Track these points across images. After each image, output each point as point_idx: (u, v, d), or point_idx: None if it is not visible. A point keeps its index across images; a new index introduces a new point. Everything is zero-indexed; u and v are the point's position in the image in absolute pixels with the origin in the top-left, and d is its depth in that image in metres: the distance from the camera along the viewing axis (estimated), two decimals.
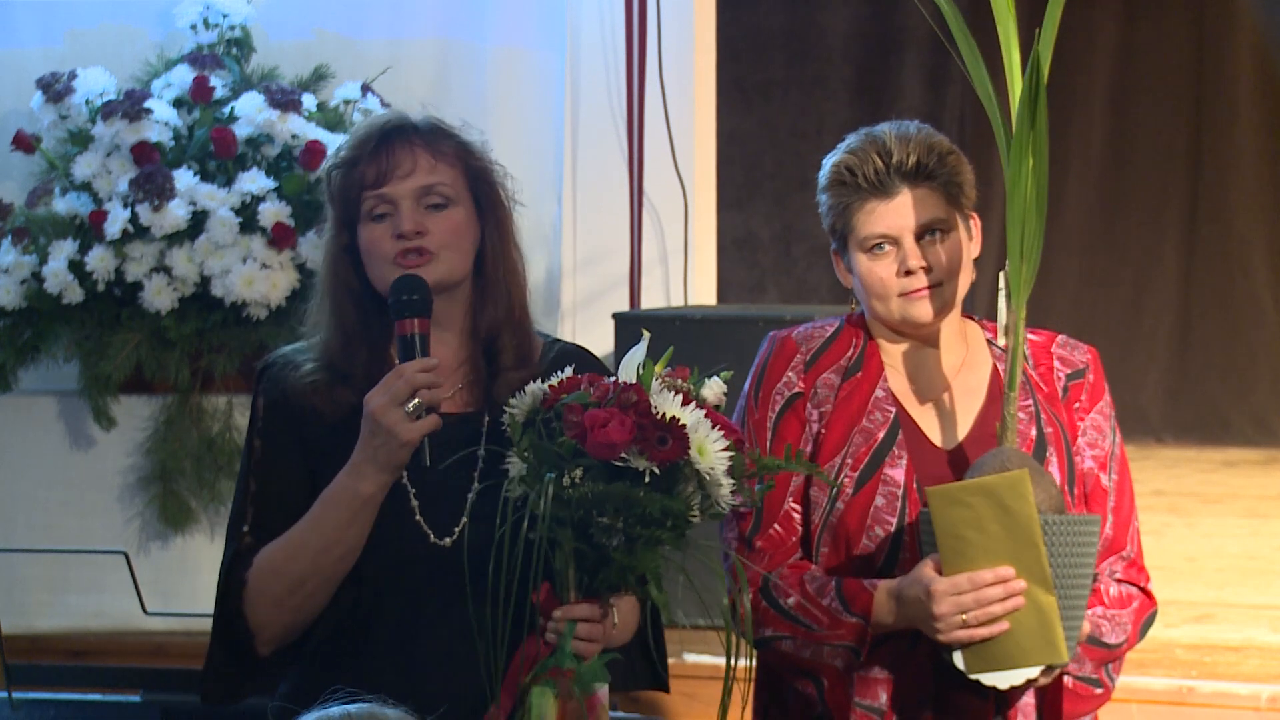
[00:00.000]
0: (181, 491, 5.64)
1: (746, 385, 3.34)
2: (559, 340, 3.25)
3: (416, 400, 2.97)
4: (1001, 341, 3.28)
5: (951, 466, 3.27)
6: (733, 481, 2.90)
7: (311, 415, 3.13)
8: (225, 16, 5.91)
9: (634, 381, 2.90)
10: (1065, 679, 3.24)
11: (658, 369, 2.93)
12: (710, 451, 2.87)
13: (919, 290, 3.25)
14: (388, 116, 3.16)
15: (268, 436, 3.16)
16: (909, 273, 3.24)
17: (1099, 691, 3.28)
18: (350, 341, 3.13)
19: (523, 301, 3.18)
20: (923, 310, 3.26)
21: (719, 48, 6.71)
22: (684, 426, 2.85)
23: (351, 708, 2.45)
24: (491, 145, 3.21)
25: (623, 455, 2.83)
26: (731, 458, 2.89)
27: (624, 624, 3.05)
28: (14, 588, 5.64)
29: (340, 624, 3.11)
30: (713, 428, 2.89)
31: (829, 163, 3.29)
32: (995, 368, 3.36)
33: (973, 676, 3.12)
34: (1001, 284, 3.26)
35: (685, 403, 2.88)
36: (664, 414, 2.85)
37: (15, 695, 4.53)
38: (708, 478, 2.87)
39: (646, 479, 2.84)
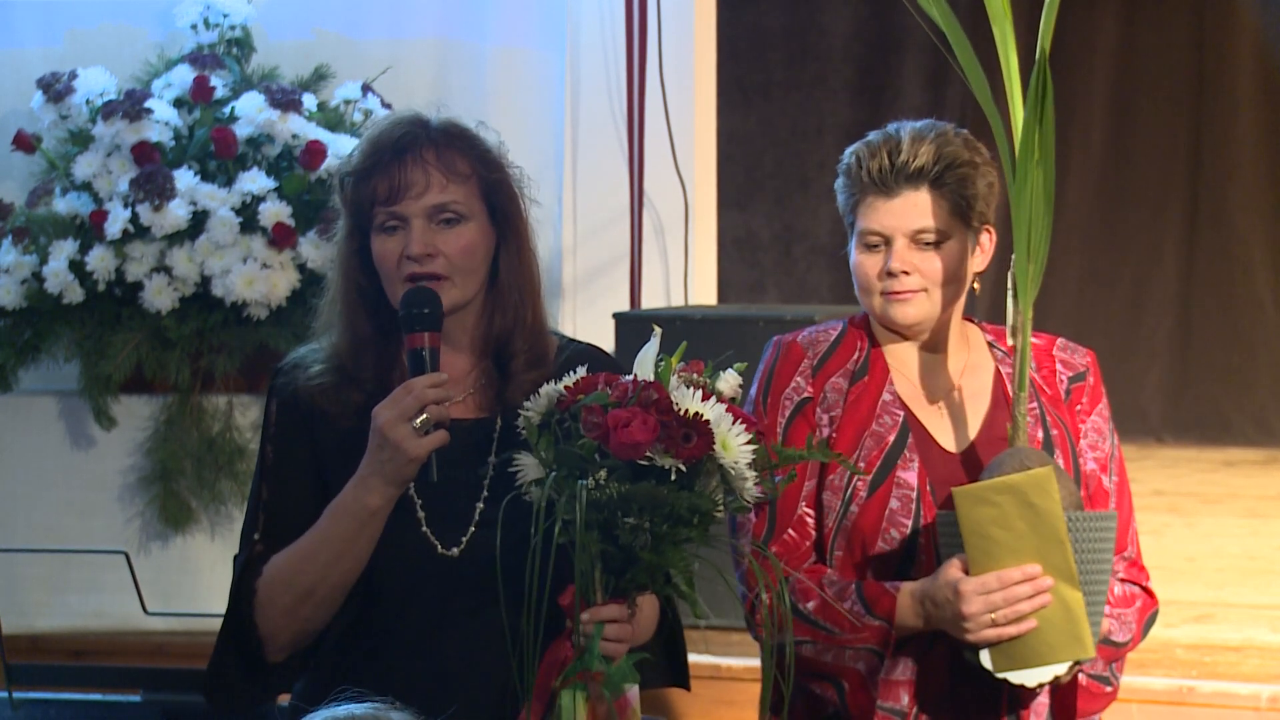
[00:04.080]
0: (181, 491, 5.64)
1: (753, 391, 3.33)
2: (574, 340, 3.22)
3: (425, 416, 2.94)
4: (1010, 342, 3.29)
5: (963, 469, 3.27)
6: (755, 474, 2.87)
7: (322, 418, 3.10)
8: (225, 16, 5.91)
9: (652, 379, 2.87)
10: (1080, 677, 3.24)
11: (673, 363, 2.90)
12: (734, 446, 2.85)
13: (899, 293, 3.26)
14: (403, 125, 3.09)
15: (279, 443, 3.14)
16: (891, 274, 3.25)
17: (1109, 690, 3.29)
18: (361, 345, 3.09)
19: (536, 305, 3.14)
20: (901, 313, 3.27)
21: (719, 48, 6.70)
22: (707, 422, 2.82)
23: (357, 708, 2.44)
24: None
25: (647, 454, 2.80)
26: (755, 450, 2.87)
27: (644, 623, 3.03)
28: (14, 588, 5.64)
29: (351, 634, 3.09)
30: (733, 422, 2.86)
31: (849, 150, 3.31)
32: (998, 371, 3.36)
33: (1000, 675, 3.12)
34: (1010, 284, 3.27)
35: (705, 398, 2.85)
36: (686, 410, 2.82)
37: (15, 695, 4.52)
38: (732, 472, 2.85)
39: (672, 477, 2.82)
